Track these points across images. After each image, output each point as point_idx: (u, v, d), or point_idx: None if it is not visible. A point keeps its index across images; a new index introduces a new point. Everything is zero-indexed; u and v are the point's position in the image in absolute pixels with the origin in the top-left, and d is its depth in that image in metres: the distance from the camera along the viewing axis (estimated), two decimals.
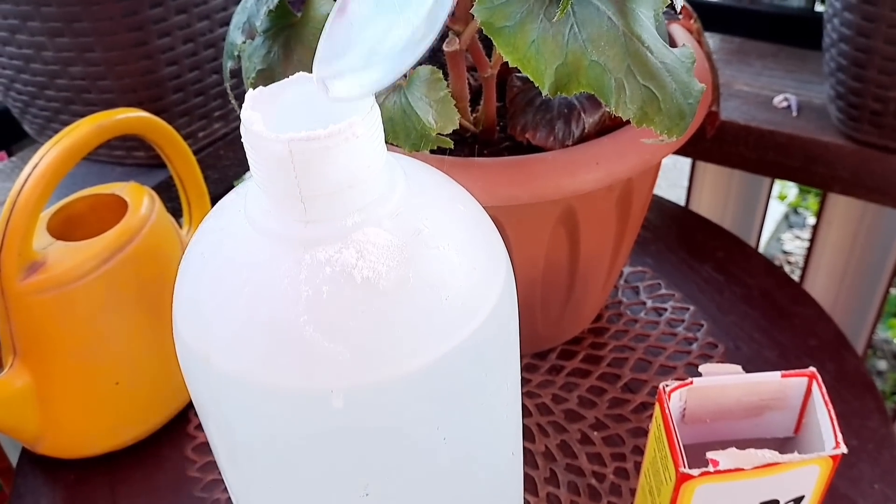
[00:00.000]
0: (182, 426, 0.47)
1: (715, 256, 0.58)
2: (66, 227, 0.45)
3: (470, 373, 0.22)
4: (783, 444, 0.35)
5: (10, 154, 0.68)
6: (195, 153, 0.49)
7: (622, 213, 0.43)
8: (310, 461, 0.22)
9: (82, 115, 0.41)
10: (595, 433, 0.45)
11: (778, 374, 0.33)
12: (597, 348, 0.50)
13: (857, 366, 0.48)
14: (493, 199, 0.37)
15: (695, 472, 0.30)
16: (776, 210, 1.68)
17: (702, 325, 0.51)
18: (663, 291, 0.54)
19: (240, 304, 0.21)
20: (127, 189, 0.45)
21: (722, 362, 0.48)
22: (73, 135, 0.40)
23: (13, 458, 0.62)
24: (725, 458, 0.30)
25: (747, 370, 0.48)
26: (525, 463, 0.44)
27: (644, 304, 0.54)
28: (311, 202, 0.21)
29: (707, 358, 0.49)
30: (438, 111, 0.32)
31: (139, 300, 0.43)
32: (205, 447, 0.46)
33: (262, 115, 0.20)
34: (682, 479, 0.30)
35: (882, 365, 1.39)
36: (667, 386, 0.32)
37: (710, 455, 0.30)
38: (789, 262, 1.61)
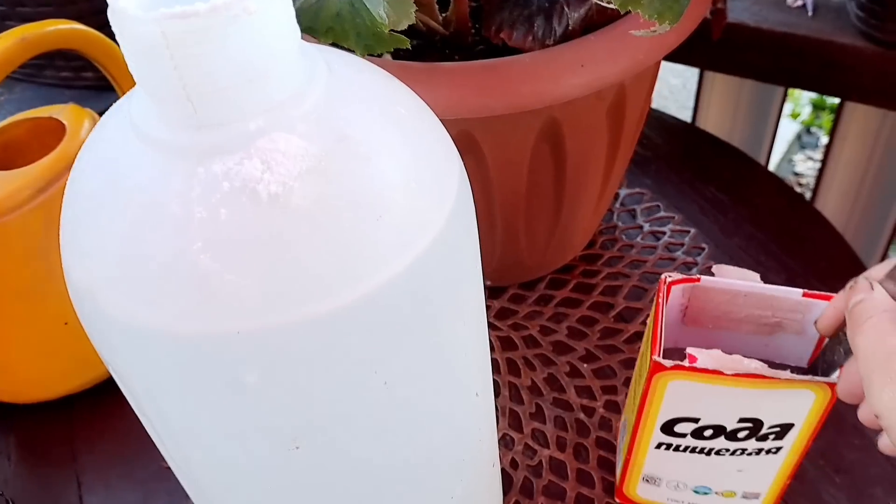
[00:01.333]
0: None
1: (720, 175, 0.53)
2: (6, 155, 0.41)
3: (413, 308, 0.19)
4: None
5: None
6: None
7: (614, 125, 0.38)
8: (224, 415, 0.19)
9: None
10: (585, 365, 0.42)
11: (799, 291, 0.29)
12: (589, 276, 0.47)
13: None
14: (463, 110, 0.32)
15: (668, 363, 0.27)
16: (788, 130, 1.62)
17: (703, 249, 0.47)
18: (662, 214, 0.50)
19: (123, 232, 0.17)
20: (66, 112, 0.41)
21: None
22: None
23: None
24: (706, 357, 0.27)
25: None
26: (510, 398, 0.41)
27: (641, 227, 0.50)
28: (200, 101, 0.17)
29: None
30: (391, 3, 0.28)
31: None
32: None
33: None
34: (655, 368, 0.27)
35: None
36: (670, 277, 0.30)
37: (690, 350, 0.27)
38: (800, 185, 1.55)
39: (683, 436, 0.30)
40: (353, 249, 0.17)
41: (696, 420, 0.29)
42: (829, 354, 0.27)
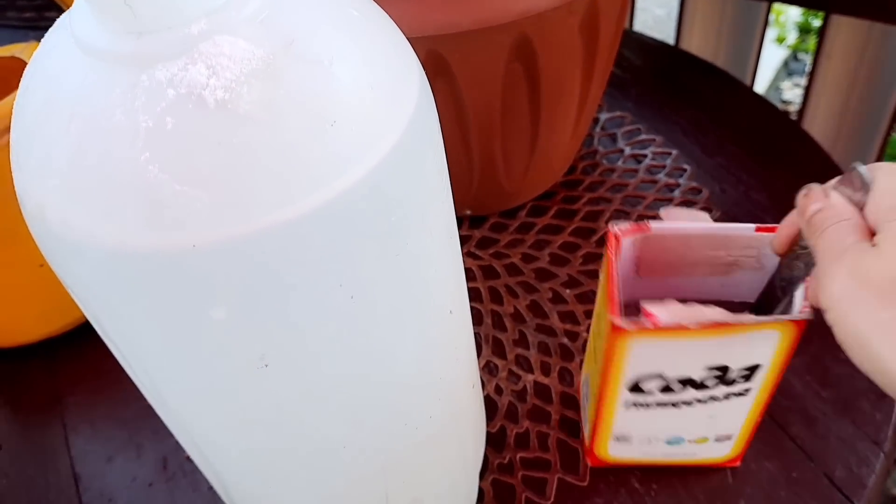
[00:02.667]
0: None
1: (703, 96, 0.52)
2: None
3: (373, 216, 0.18)
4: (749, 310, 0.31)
5: None
6: None
7: (588, 42, 0.37)
8: (186, 335, 0.18)
9: None
10: (568, 291, 0.42)
11: (752, 226, 0.28)
12: (570, 202, 0.46)
13: None
14: (428, 28, 0.31)
15: (629, 324, 0.26)
16: (775, 57, 1.60)
17: (685, 171, 0.47)
18: (643, 137, 0.50)
19: (69, 145, 0.17)
20: (28, 50, 0.40)
21: (706, 208, 0.44)
22: None
23: None
24: (662, 311, 0.26)
25: (734, 214, 0.44)
26: (493, 326, 0.41)
27: (622, 151, 0.49)
28: (139, 5, 0.16)
29: (690, 204, 0.45)
30: None
31: None
32: None
33: None
34: (616, 332, 0.26)
35: None
36: (618, 228, 0.28)
37: (647, 307, 0.26)
38: (788, 113, 1.54)
39: (651, 393, 0.29)
40: (306, 156, 0.17)
41: (662, 376, 0.28)
42: (786, 271, 0.26)
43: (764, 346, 0.27)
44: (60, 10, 0.50)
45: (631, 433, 0.31)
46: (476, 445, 0.32)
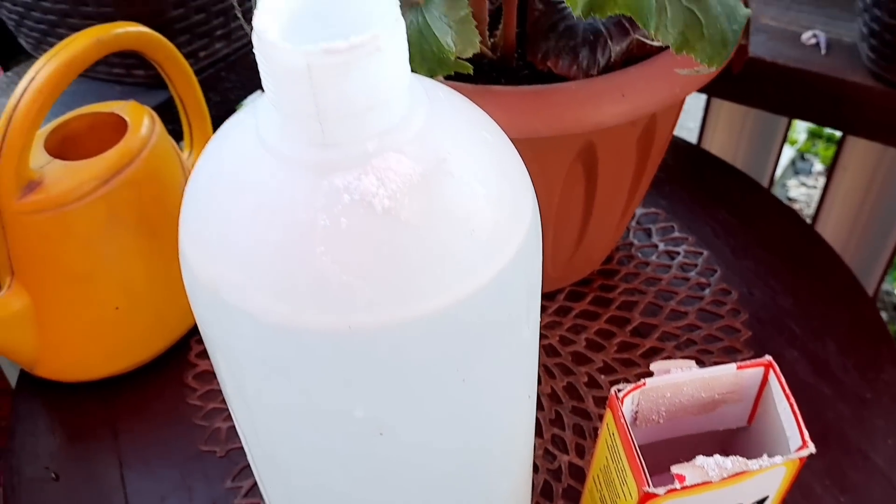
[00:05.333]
0: (183, 354, 0.46)
1: (729, 198, 0.56)
2: (64, 146, 0.43)
3: (494, 313, 0.21)
4: (735, 435, 0.33)
5: (6, 69, 0.65)
6: (196, 74, 0.47)
7: (642, 151, 0.41)
8: (322, 399, 0.21)
9: (79, 30, 0.39)
10: (602, 376, 0.44)
11: (734, 366, 0.30)
12: (606, 290, 0.49)
13: (873, 315, 0.47)
14: (510, 131, 0.34)
15: (660, 490, 0.27)
16: (783, 155, 1.65)
17: (715, 271, 0.50)
18: (676, 234, 0.53)
19: (252, 232, 0.20)
20: (127, 108, 0.43)
21: (735, 309, 0.47)
22: (70, 48, 0.38)
23: (12, 380, 0.62)
24: (691, 471, 0.27)
25: (761, 317, 0.47)
26: None
27: (656, 246, 0.52)
28: (328, 123, 0.19)
29: (720, 304, 0.48)
30: (458, 33, 0.30)
31: (139, 224, 0.42)
32: (205, 375, 0.45)
33: (277, 24, 0.18)
34: (646, 497, 0.27)
35: (882, 316, 1.39)
36: (619, 391, 0.30)
37: (674, 470, 0.27)
38: (805, 221, 1.58)
39: None
40: (449, 259, 0.20)
41: None
42: None
43: (772, 481, 0.29)
44: (147, 69, 0.54)
45: None
46: None
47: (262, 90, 0.20)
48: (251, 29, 0.19)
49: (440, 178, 0.20)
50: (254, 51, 0.19)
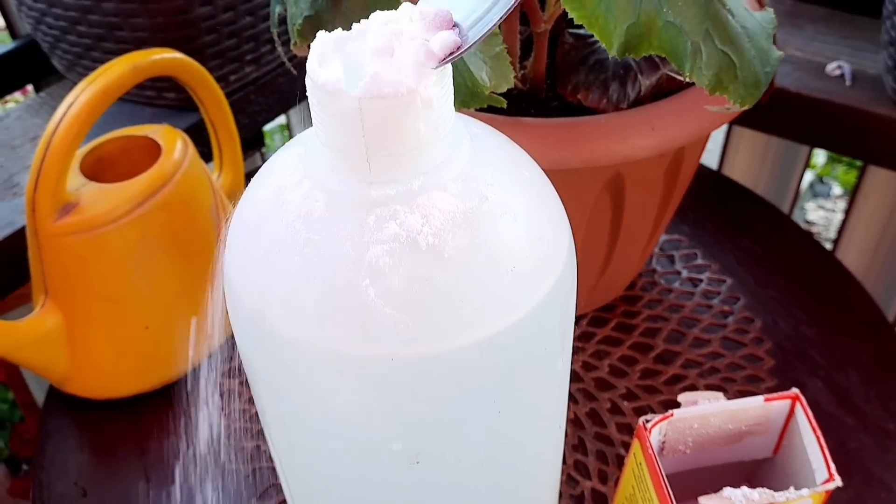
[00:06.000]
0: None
1: (752, 226, 0.56)
2: (98, 168, 0.44)
3: (531, 346, 0.22)
4: (760, 466, 0.33)
5: (38, 89, 0.67)
6: (226, 97, 0.48)
7: (669, 183, 0.41)
8: (362, 427, 0.22)
9: (113, 53, 0.40)
10: (626, 403, 0.45)
11: (761, 398, 0.31)
12: (629, 317, 0.49)
13: (895, 345, 0.47)
14: (542, 162, 0.35)
15: None
16: (803, 179, 1.65)
17: (738, 299, 0.50)
18: (699, 262, 0.53)
19: (300, 264, 0.20)
20: (160, 132, 0.44)
21: (758, 338, 0.48)
22: (109, 74, 0.39)
23: (38, 396, 0.63)
24: (719, 503, 0.27)
25: (784, 346, 0.47)
26: None
27: (679, 273, 0.52)
28: (376, 162, 0.20)
29: (743, 332, 0.48)
30: (493, 68, 0.31)
31: (170, 245, 0.42)
32: (233, 395, 0.46)
33: (329, 67, 0.19)
34: None
35: None
36: (647, 421, 0.30)
37: (702, 501, 0.28)
38: (826, 249, 1.58)
39: None
40: (489, 295, 0.20)
41: None
42: None
43: None
44: (178, 92, 0.55)
45: None
46: None
47: (311, 124, 0.21)
48: (284, 53, 0.20)
49: (482, 216, 0.21)
50: (308, 95, 0.20)
